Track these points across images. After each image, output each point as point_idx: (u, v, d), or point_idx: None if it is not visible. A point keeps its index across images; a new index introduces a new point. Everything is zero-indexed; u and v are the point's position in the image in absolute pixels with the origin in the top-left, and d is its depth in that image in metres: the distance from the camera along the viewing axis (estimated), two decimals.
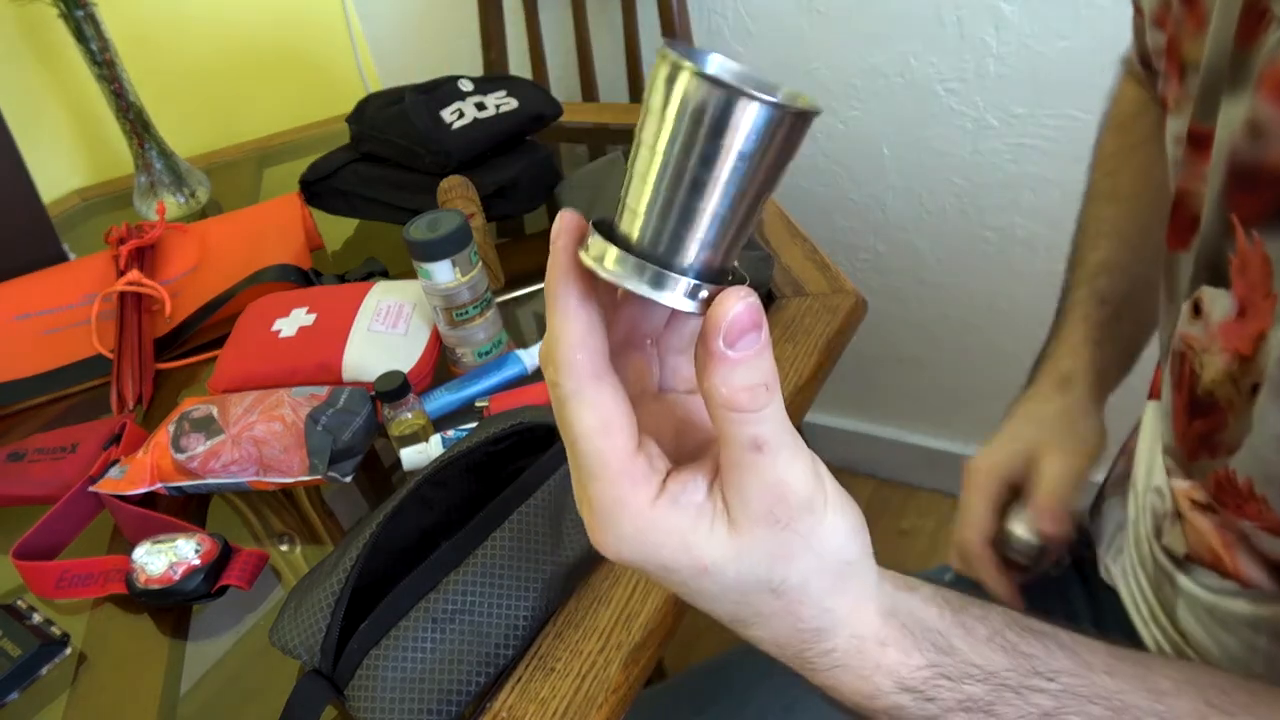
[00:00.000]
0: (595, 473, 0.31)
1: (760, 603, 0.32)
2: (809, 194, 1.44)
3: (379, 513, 0.56)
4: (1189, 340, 0.45)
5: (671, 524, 0.31)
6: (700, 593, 0.32)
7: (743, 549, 0.31)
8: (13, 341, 0.90)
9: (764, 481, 0.30)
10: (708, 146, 0.27)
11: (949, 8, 1.19)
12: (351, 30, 1.55)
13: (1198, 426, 0.45)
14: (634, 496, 0.31)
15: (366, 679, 0.51)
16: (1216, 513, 0.47)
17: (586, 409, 0.30)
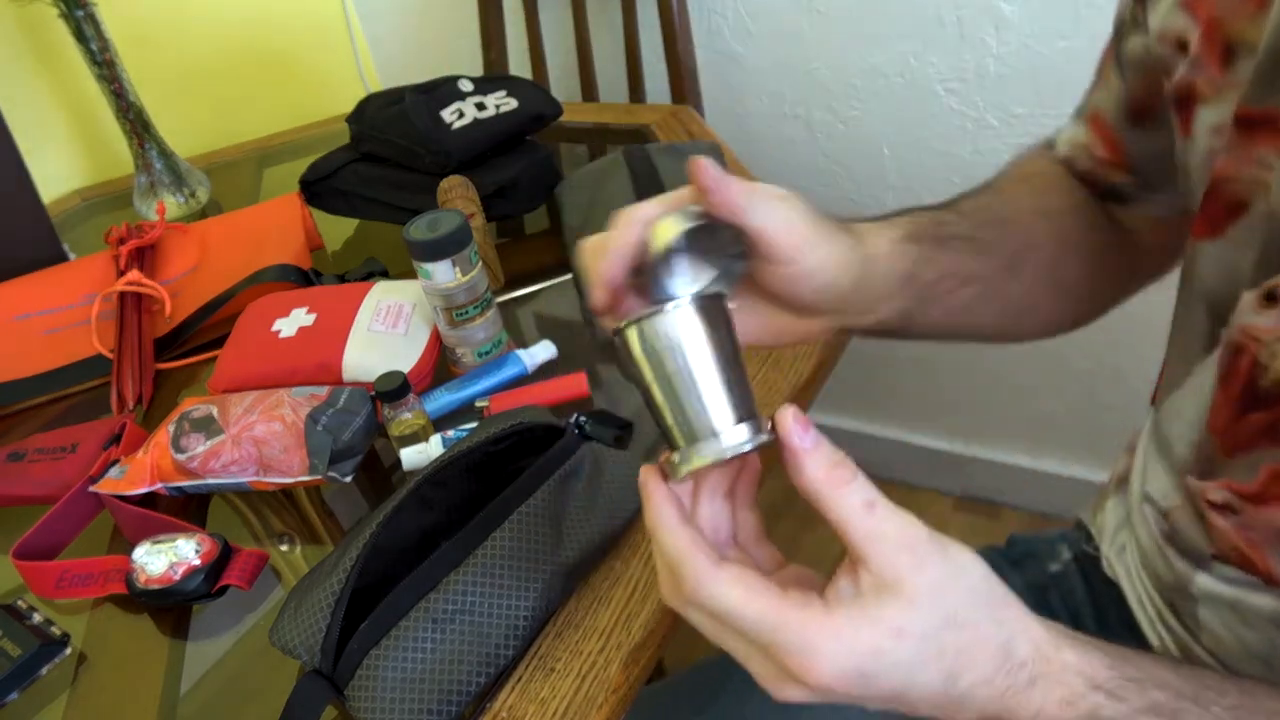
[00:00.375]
0: (775, 629, 0.35)
1: (952, 641, 0.35)
2: (809, 194, 1.44)
3: (379, 513, 0.56)
4: (1254, 332, 0.43)
5: (854, 615, 0.35)
6: (903, 666, 0.35)
7: (913, 599, 0.35)
8: (13, 341, 0.90)
9: (892, 534, 0.35)
10: (669, 359, 0.37)
11: (949, 8, 1.19)
12: (351, 30, 1.55)
13: (1259, 420, 0.44)
14: (813, 619, 0.35)
15: (366, 679, 0.51)
16: (1237, 513, 0.46)
17: (726, 587, 0.36)
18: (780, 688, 0.36)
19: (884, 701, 0.36)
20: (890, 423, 1.65)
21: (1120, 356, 1.32)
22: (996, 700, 0.36)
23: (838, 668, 0.34)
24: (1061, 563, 0.69)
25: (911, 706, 0.36)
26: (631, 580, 0.59)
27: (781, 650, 0.35)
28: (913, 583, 0.35)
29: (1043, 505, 1.59)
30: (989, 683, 0.36)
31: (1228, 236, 0.44)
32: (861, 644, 0.34)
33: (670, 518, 0.38)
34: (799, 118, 1.38)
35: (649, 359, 0.38)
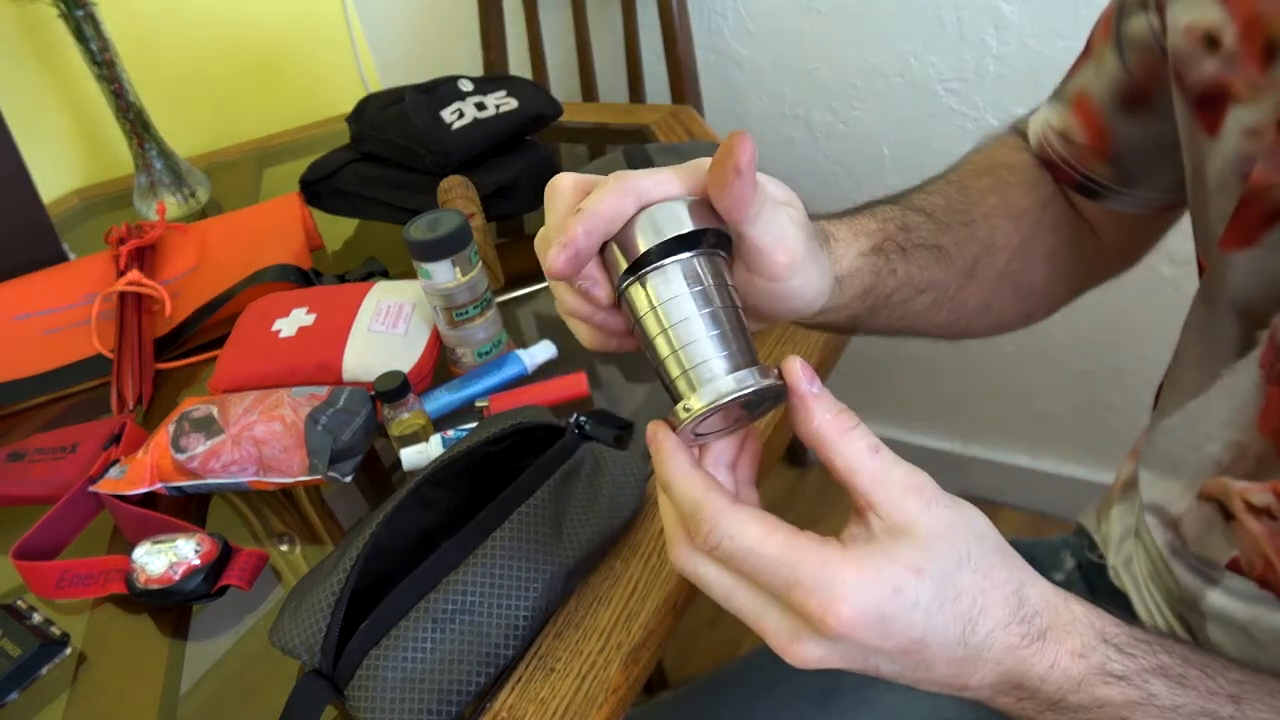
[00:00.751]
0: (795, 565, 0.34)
1: (967, 584, 0.35)
2: (809, 194, 1.43)
3: (379, 513, 0.56)
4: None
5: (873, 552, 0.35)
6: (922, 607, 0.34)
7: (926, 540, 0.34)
8: (13, 341, 0.90)
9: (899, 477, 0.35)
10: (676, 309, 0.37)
11: (949, 8, 1.19)
12: (351, 30, 1.55)
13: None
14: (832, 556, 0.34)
15: (366, 679, 0.51)
16: (1276, 519, 0.46)
17: (744, 524, 0.35)
18: (796, 645, 0.34)
19: (902, 654, 0.34)
20: (890, 423, 1.65)
21: (1120, 356, 1.32)
22: (1012, 652, 0.35)
23: (859, 606, 0.33)
24: (1065, 571, 0.69)
25: (928, 665, 0.35)
26: (631, 580, 0.59)
27: (800, 590, 0.34)
28: (924, 524, 0.35)
29: (1043, 505, 1.59)
30: (1005, 629, 0.35)
31: (1264, 244, 0.43)
32: (882, 581, 0.34)
33: (684, 463, 0.38)
34: (799, 118, 1.38)
35: (656, 311, 0.38)
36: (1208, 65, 0.44)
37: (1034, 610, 0.36)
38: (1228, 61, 0.43)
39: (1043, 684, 0.36)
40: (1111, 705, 0.36)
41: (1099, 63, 0.55)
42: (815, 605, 0.33)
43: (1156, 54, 0.50)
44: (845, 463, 0.36)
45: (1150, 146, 0.54)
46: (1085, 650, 0.36)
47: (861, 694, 0.64)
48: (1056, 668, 0.36)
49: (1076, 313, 0.65)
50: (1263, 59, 0.42)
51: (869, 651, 0.34)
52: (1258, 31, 0.42)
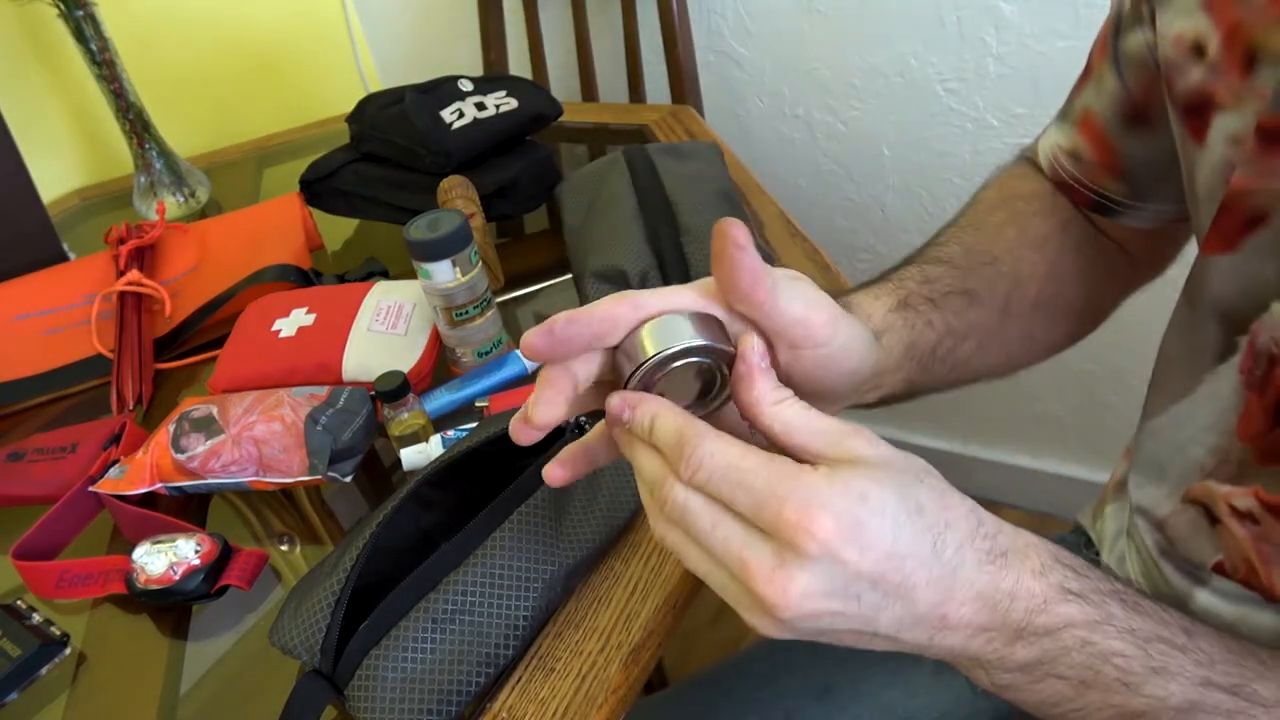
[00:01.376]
0: (773, 479, 0.34)
1: (927, 498, 0.35)
2: (809, 194, 1.44)
3: (379, 513, 0.56)
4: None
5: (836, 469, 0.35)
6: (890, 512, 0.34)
7: (876, 464, 0.35)
8: (13, 341, 0.90)
9: (836, 424, 0.36)
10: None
11: (949, 8, 1.19)
12: (351, 30, 1.55)
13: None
14: (805, 470, 0.34)
15: (366, 679, 0.51)
16: (1258, 523, 0.46)
17: (725, 443, 0.35)
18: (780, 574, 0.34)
19: (881, 577, 0.34)
20: (890, 423, 1.66)
21: (1120, 357, 1.32)
22: (981, 568, 0.35)
23: (834, 511, 0.33)
24: None
25: (909, 589, 0.34)
26: (631, 580, 0.59)
27: (781, 501, 0.33)
28: (871, 454, 0.35)
29: (1043, 505, 1.59)
30: (971, 544, 0.36)
31: (1244, 250, 0.43)
32: (851, 489, 0.34)
33: (663, 402, 0.38)
34: (799, 118, 1.38)
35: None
36: (1194, 74, 0.45)
37: (993, 530, 0.37)
38: (1211, 70, 0.44)
39: (1012, 602, 0.36)
40: (1074, 625, 0.36)
41: (1099, 81, 0.56)
42: (793, 512, 0.33)
43: (1152, 69, 0.51)
44: (782, 425, 0.36)
45: (1157, 160, 0.54)
46: (1044, 569, 0.36)
47: (859, 689, 0.65)
48: (1021, 584, 0.36)
49: None
50: (1243, 67, 0.42)
51: (851, 575, 0.34)
52: (1239, 39, 0.42)
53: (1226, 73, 0.43)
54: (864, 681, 0.65)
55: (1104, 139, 0.56)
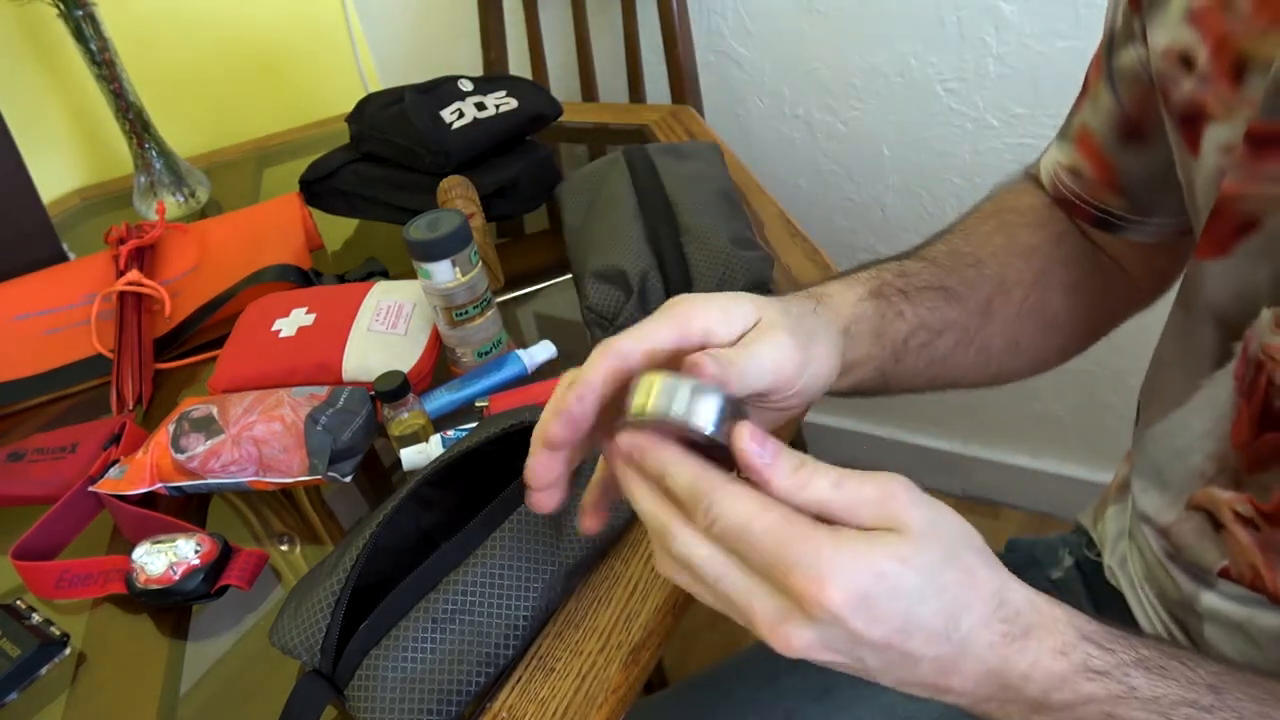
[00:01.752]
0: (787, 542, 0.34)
1: (952, 579, 0.35)
2: (809, 194, 1.44)
3: (379, 513, 0.56)
4: (1272, 351, 0.43)
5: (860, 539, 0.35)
6: (905, 594, 0.34)
7: (911, 534, 0.35)
8: (13, 341, 0.90)
9: (871, 493, 0.36)
10: None
11: (949, 8, 1.19)
12: (351, 30, 1.55)
13: (1271, 439, 0.44)
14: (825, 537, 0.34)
15: (366, 679, 0.51)
16: (1259, 529, 0.46)
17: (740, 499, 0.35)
18: (784, 627, 0.34)
19: (886, 646, 0.35)
20: (890, 423, 1.66)
21: (1121, 358, 1.32)
22: (994, 649, 0.36)
23: (845, 586, 0.33)
24: (1063, 569, 0.69)
25: (912, 660, 0.35)
26: (631, 580, 0.59)
27: (790, 567, 0.34)
28: (907, 520, 0.35)
29: (1043, 505, 1.59)
30: (987, 625, 0.36)
31: (1236, 255, 0.44)
32: (869, 565, 0.34)
33: (675, 449, 0.38)
34: (799, 118, 1.38)
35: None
36: (1186, 85, 0.45)
37: (1016, 610, 0.36)
38: (1202, 81, 0.44)
39: (1026, 683, 0.36)
40: (1095, 701, 0.36)
41: (1095, 99, 0.57)
42: (804, 581, 0.33)
43: (1146, 84, 0.51)
44: (817, 504, 0.36)
45: (1154, 175, 0.54)
46: (1066, 648, 0.36)
47: (859, 690, 0.64)
48: (1039, 665, 0.36)
49: None
50: (1233, 77, 0.42)
51: (855, 641, 0.34)
52: (1227, 50, 0.42)
53: (1216, 83, 0.43)
54: (866, 684, 0.65)
55: (1102, 156, 0.57)
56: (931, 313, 0.53)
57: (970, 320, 0.55)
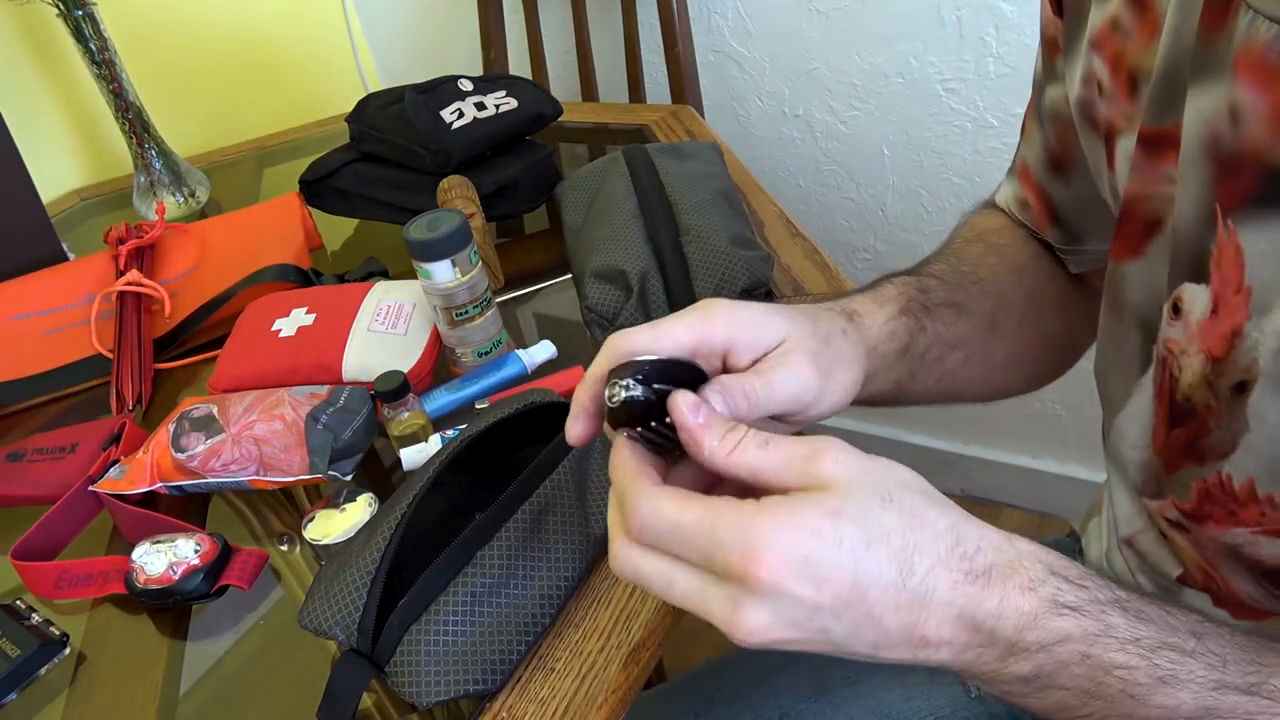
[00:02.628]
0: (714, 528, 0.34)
1: (894, 523, 0.34)
2: (809, 194, 1.44)
3: (407, 492, 0.57)
4: (1170, 344, 0.44)
5: (787, 502, 0.34)
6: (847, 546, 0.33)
7: (841, 486, 0.34)
8: (12, 341, 0.90)
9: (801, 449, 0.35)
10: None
11: (949, 8, 1.19)
12: (351, 30, 1.55)
13: (1179, 435, 0.45)
14: (748, 511, 0.34)
15: (408, 655, 0.52)
16: (1188, 530, 0.46)
17: (661, 499, 0.35)
18: (738, 614, 0.33)
19: (844, 606, 0.33)
20: (890, 423, 1.65)
21: None
22: (958, 589, 0.34)
23: (779, 550, 0.33)
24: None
25: (875, 618, 0.34)
26: None
27: (723, 549, 0.33)
28: (836, 474, 0.35)
29: (1043, 505, 1.59)
30: (945, 565, 0.34)
31: (1148, 255, 0.46)
32: (799, 524, 0.33)
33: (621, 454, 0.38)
34: (799, 118, 1.38)
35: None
36: (1101, 107, 0.48)
37: (975, 547, 0.35)
38: (1109, 100, 0.47)
39: (998, 622, 0.34)
40: (1071, 639, 0.35)
41: (1029, 137, 0.59)
42: (738, 558, 0.33)
43: (1066, 120, 0.54)
44: (747, 470, 0.36)
45: (1079, 204, 0.56)
46: (1034, 583, 0.35)
47: (855, 688, 0.65)
48: (1007, 602, 0.34)
49: None
50: (1129, 91, 0.45)
51: (811, 609, 0.33)
52: (1122, 68, 0.45)
53: (1118, 99, 0.46)
54: (860, 682, 0.65)
55: (1039, 188, 0.59)
56: (947, 328, 0.53)
57: (978, 335, 0.55)
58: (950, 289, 0.55)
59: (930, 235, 1.39)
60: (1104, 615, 0.35)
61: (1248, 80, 0.36)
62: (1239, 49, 0.37)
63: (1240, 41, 0.36)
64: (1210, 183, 0.39)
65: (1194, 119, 0.39)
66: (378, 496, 0.65)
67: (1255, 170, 0.37)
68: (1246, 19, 0.36)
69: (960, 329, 0.54)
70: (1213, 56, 0.38)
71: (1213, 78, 0.38)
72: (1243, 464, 0.42)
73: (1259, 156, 0.37)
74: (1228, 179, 0.38)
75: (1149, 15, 0.43)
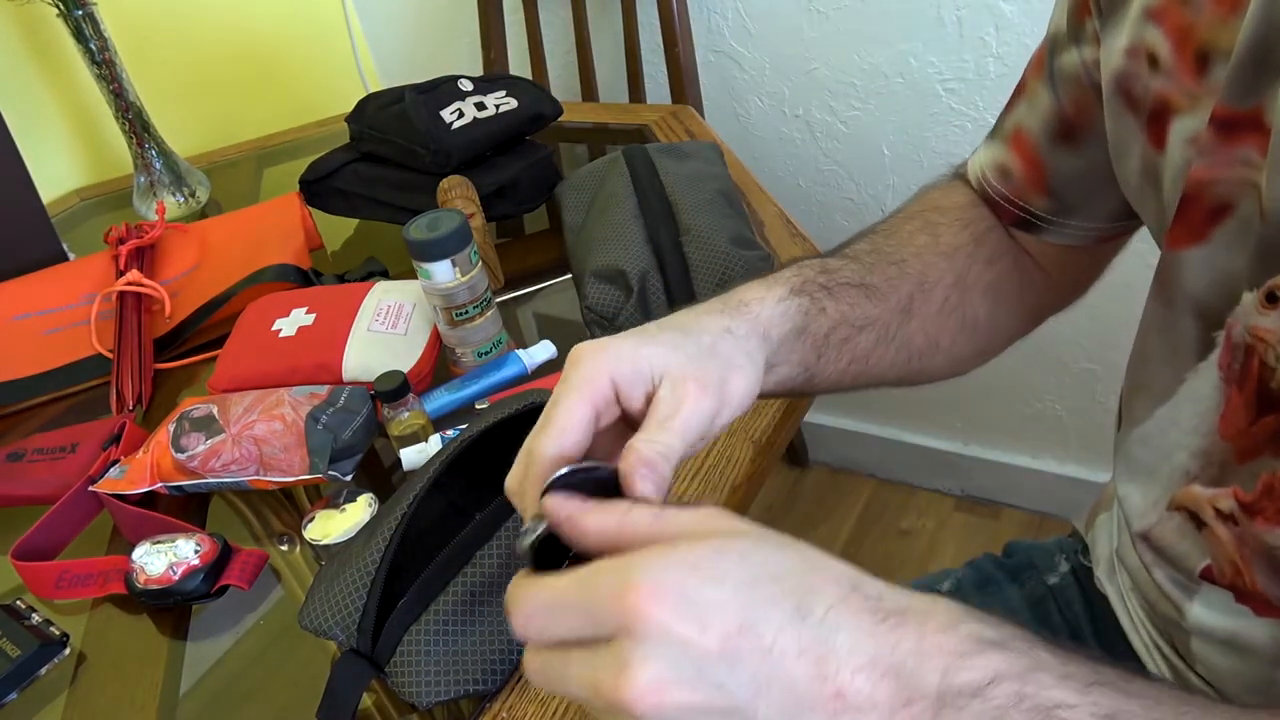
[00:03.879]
0: (586, 584, 0.32)
1: (780, 562, 0.32)
2: (809, 194, 1.44)
3: (407, 493, 0.56)
4: (1260, 333, 0.42)
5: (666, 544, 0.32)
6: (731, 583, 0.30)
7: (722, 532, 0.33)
8: (13, 341, 0.90)
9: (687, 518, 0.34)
10: None
11: (949, 8, 1.19)
12: (351, 30, 1.55)
13: (1269, 423, 0.43)
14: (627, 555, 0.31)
15: (408, 655, 0.52)
16: (1239, 524, 0.46)
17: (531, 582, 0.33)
18: (627, 673, 0.29)
19: (736, 653, 0.29)
20: (890, 423, 1.65)
21: (1121, 356, 1.32)
22: (868, 632, 0.30)
23: (657, 583, 0.29)
24: (1059, 575, 0.68)
25: (776, 664, 0.30)
26: None
27: (599, 595, 0.30)
28: (729, 525, 0.33)
29: (1043, 505, 1.59)
30: (847, 604, 0.31)
31: (1214, 240, 0.44)
32: (678, 559, 0.30)
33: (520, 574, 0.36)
34: (799, 118, 1.38)
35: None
36: (1151, 82, 0.46)
37: (877, 593, 0.32)
38: (1167, 76, 0.45)
39: (920, 662, 0.30)
40: (1002, 677, 0.30)
41: (1032, 99, 0.58)
42: (617, 600, 0.30)
43: (1086, 88, 0.52)
44: (637, 537, 0.33)
45: (1084, 177, 0.55)
46: (951, 623, 0.31)
47: None
48: (926, 641, 0.31)
49: (1078, 311, 0.66)
50: (1196, 69, 0.43)
51: (699, 658, 0.29)
52: (1189, 43, 0.43)
53: (1180, 76, 0.44)
54: None
55: (1034, 155, 0.58)
56: (853, 309, 0.52)
57: (891, 317, 0.55)
58: (862, 269, 0.54)
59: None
60: (1032, 650, 0.32)
61: None
62: None
63: None
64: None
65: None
66: (378, 496, 0.65)
67: None
68: None
69: (867, 310, 0.53)
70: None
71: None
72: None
73: None
74: None
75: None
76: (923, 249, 0.58)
